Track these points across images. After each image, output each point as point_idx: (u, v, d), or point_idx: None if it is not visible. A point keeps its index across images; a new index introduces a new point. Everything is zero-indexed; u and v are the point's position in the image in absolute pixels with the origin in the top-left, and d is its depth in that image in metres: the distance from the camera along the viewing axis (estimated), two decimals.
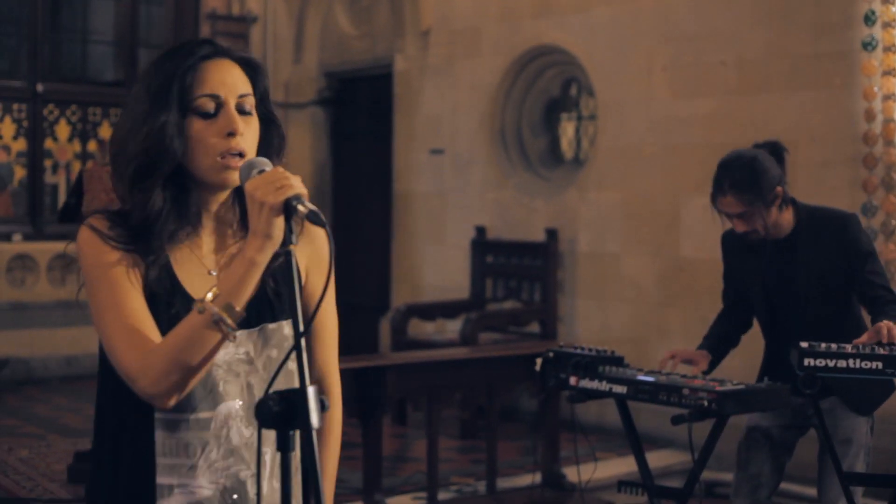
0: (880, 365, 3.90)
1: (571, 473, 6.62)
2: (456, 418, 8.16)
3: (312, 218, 2.04)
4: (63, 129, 10.91)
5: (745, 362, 5.00)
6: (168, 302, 2.21)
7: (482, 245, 9.11)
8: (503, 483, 6.61)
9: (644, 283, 8.16)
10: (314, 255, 2.39)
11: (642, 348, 7.84)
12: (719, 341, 4.68)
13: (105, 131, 10.80)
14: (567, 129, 9.42)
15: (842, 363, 3.93)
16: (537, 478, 6.56)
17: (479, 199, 9.36)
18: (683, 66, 7.88)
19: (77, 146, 10.95)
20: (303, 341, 2.04)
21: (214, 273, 2.29)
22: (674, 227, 7.95)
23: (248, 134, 2.25)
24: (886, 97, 6.70)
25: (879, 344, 4.00)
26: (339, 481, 6.86)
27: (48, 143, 10.83)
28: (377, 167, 10.67)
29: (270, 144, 2.33)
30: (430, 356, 6.76)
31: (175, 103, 2.21)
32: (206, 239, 2.31)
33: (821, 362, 3.95)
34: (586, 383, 4.44)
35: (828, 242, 4.36)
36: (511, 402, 8.33)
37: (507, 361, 6.49)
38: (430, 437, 6.13)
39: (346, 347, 10.58)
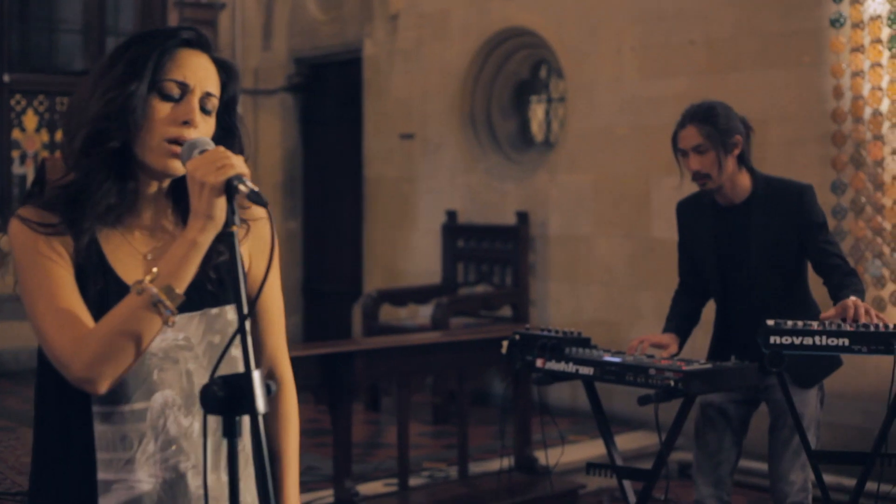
0: (847, 342, 3.89)
1: (543, 457, 6.59)
2: (428, 404, 8.12)
3: (254, 198, 2.00)
4: (31, 120, 10.79)
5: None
6: (94, 278, 2.16)
7: (453, 229, 9.06)
8: (475, 468, 6.57)
9: (616, 265, 8.12)
10: (256, 242, 2.32)
11: (615, 331, 7.82)
12: (683, 320, 4.67)
13: None
14: (537, 112, 9.37)
15: (808, 340, 3.91)
16: (509, 462, 6.53)
17: (450, 184, 9.31)
18: (653, 47, 7.84)
19: (45, 136, 10.83)
20: (247, 325, 2.00)
21: (150, 257, 2.23)
22: (645, 209, 7.91)
23: (203, 130, 2.20)
24: (855, 74, 6.68)
25: (845, 320, 3.99)
26: (310, 468, 6.81)
27: (15, 134, 10.71)
28: (347, 153, 10.61)
29: None
30: (399, 341, 6.70)
31: (148, 78, 2.16)
32: (140, 225, 2.25)
33: (787, 340, 3.93)
34: (553, 365, 4.41)
35: (782, 211, 4.36)
36: (482, 386, 8.29)
37: (478, 345, 6.43)
38: (400, 422, 6.07)
39: (319, 334, 10.51)
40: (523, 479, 6.40)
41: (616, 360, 4.27)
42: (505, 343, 4.55)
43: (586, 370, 4.32)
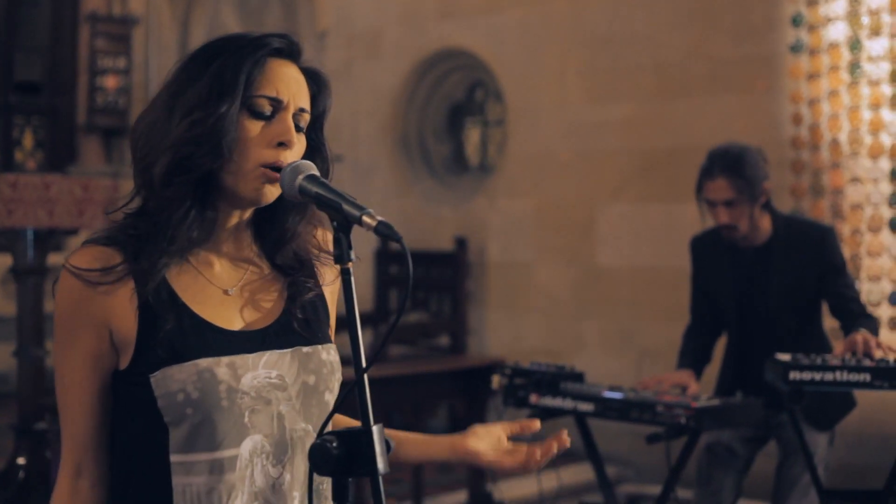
0: (868, 377, 3.75)
1: (497, 491, 6.37)
2: None
3: (384, 231, 1.75)
4: None
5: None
6: (164, 317, 1.88)
7: (386, 255, 8.80)
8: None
9: (558, 294, 7.93)
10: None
11: (556, 360, 7.60)
12: (697, 357, 4.51)
13: None
14: (472, 135, 9.16)
15: (829, 376, 3.76)
16: (461, 497, 6.30)
17: (382, 208, 9.02)
18: (599, 70, 7.67)
19: None
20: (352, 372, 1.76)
21: (232, 292, 1.97)
22: (589, 235, 7.74)
23: (297, 150, 1.94)
24: (813, 101, 6.59)
25: (854, 354, 3.86)
26: None
27: None
28: None
29: None
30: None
31: (240, 95, 1.88)
32: (218, 258, 1.99)
33: (807, 375, 3.77)
34: (548, 401, 4.22)
35: (803, 254, 4.26)
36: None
37: (436, 378, 6.19)
38: None
39: None
40: None
41: (618, 396, 4.09)
42: (496, 377, 4.35)
43: (586, 406, 4.13)
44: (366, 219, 1.75)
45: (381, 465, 1.72)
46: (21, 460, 5.33)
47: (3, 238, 5.42)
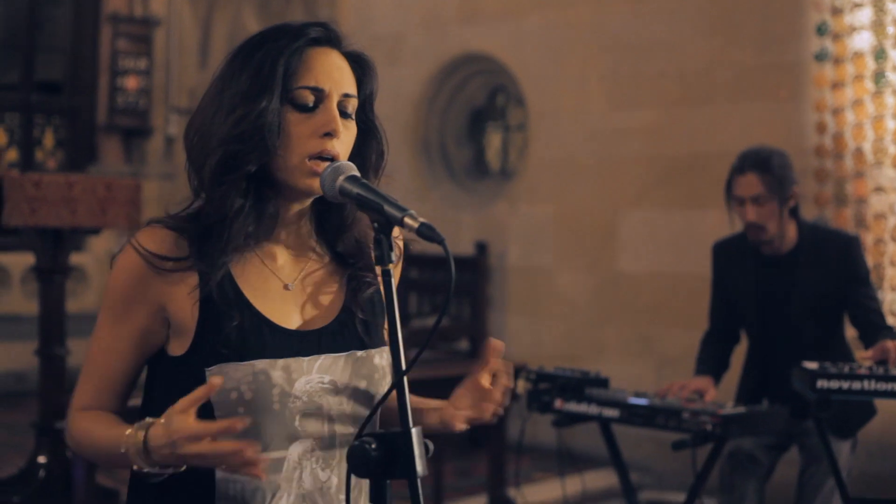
0: None
1: (520, 496, 6.36)
2: None
3: (426, 233, 1.73)
4: None
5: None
6: (229, 313, 1.89)
7: (406, 259, 8.76)
8: None
9: (578, 299, 7.91)
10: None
11: (576, 367, 7.59)
12: (715, 363, 4.48)
13: (1, 137, 10.22)
14: (493, 140, 9.15)
15: (857, 385, 3.74)
16: (481, 501, 6.28)
17: None
18: (622, 77, 7.66)
19: None
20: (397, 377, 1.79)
21: (292, 287, 1.97)
22: (611, 241, 7.72)
23: (345, 139, 1.94)
24: (837, 110, 6.56)
25: (882, 363, 3.84)
26: None
27: None
28: None
29: (367, 159, 2.01)
30: None
31: (279, 88, 1.88)
32: (281, 250, 1.99)
33: (835, 384, 3.74)
34: (573, 406, 4.21)
35: (828, 263, 4.23)
36: None
37: (452, 382, 6.16)
38: None
39: None
40: None
41: (643, 402, 4.08)
42: (521, 382, 4.34)
43: (611, 412, 4.12)
44: (408, 220, 1.75)
45: (419, 467, 1.72)
46: (42, 459, 5.34)
47: (26, 237, 5.42)
